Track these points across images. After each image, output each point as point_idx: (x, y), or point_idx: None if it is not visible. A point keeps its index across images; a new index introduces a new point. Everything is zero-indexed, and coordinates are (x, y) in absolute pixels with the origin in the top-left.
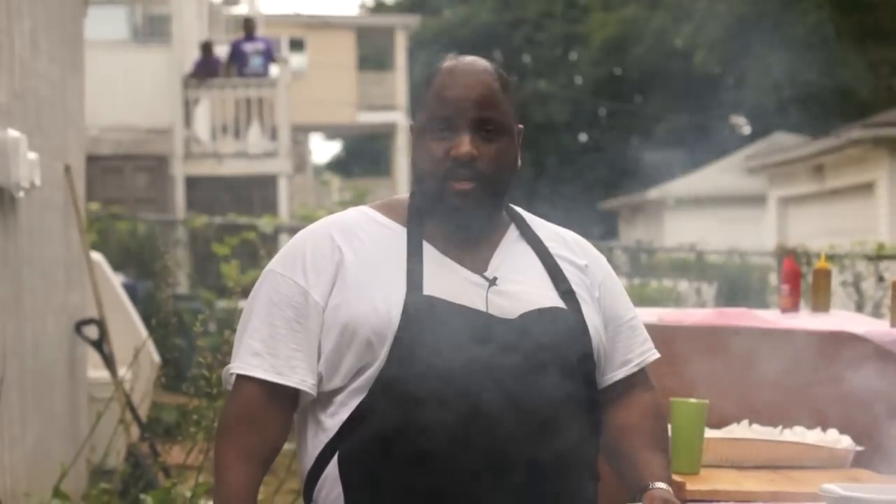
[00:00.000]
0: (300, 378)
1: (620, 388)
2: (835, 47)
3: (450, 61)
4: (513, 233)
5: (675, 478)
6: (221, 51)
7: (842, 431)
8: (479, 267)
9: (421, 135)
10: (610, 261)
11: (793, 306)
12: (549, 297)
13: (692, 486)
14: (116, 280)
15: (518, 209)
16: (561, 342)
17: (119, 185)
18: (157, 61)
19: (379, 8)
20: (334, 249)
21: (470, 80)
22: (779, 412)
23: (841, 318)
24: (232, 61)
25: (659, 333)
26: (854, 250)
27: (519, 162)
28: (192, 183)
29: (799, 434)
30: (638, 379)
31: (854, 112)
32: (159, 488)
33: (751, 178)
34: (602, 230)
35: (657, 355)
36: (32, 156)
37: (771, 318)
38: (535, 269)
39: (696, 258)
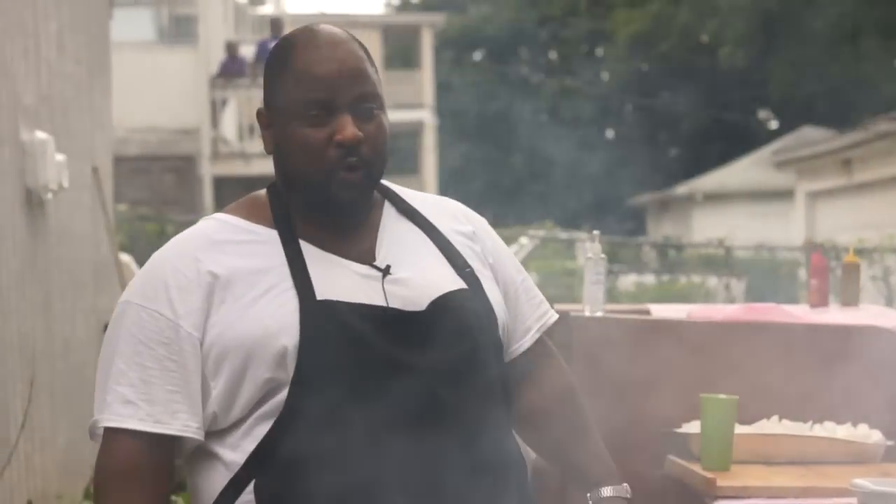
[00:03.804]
0: (182, 424)
1: (526, 362)
2: (860, 41)
3: (303, 33)
4: (389, 210)
5: (706, 474)
6: (248, 51)
7: (873, 426)
8: (365, 257)
9: (285, 122)
10: (638, 257)
11: (822, 301)
12: (449, 279)
13: (722, 482)
14: None
15: (385, 181)
16: (475, 328)
17: (146, 185)
18: (183, 62)
19: (404, 6)
20: (200, 272)
21: (339, 53)
22: (809, 407)
23: (870, 313)
24: (259, 61)
25: (688, 329)
26: (883, 244)
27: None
28: (219, 183)
29: (829, 429)
30: (543, 349)
31: (880, 105)
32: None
33: (779, 172)
34: (630, 226)
35: (556, 316)
36: (60, 157)
37: (800, 312)
38: (425, 248)
39: (725, 254)
